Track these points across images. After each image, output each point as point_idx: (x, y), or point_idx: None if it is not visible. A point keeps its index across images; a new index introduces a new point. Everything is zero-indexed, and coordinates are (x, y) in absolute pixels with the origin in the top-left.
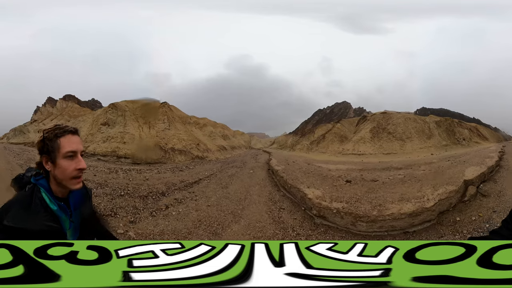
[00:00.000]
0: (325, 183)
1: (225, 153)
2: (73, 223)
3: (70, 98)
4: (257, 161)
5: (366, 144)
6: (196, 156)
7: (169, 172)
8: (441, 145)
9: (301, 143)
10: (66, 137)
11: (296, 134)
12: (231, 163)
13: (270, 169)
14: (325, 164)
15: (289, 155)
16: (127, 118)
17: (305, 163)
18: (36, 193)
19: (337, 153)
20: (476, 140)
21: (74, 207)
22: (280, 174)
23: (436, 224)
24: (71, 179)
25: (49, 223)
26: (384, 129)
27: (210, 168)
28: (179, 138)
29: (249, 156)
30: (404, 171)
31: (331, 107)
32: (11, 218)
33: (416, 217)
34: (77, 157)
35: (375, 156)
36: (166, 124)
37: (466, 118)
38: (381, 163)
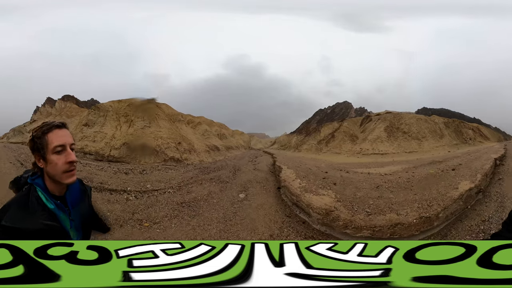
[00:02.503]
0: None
1: (216, 154)
2: (74, 222)
3: (68, 99)
4: (256, 167)
5: (384, 143)
6: (171, 158)
7: (114, 172)
8: (452, 144)
9: (308, 143)
10: (53, 132)
11: (300, 133)
12: (214, 171)
13: (283, 190)
14: (363, 169)
15: (297, 156)
16: (108, 118)
17: (334, 169)
18: (32, 193)
19: (355, 153)
20: (480, 139)
21: (72, 205)
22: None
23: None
24: (63, 173)
25: (47, 222)
26: (398, 129)
27: (171, 178)
28: (156, 136)
29: (247, 159)
30: (446, 164)
31: (332, 107)
32: (9, 218)
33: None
34: (66, 150)
35: (398, 155)
36: (146, 121)
37: (467, 118)
38: (419, 159)
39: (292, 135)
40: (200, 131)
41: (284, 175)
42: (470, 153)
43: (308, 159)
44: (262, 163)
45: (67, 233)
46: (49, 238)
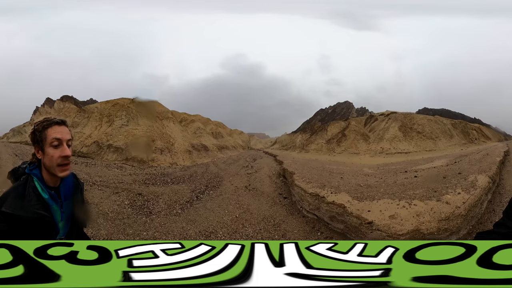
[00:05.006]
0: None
1: (200, 156)
2: (64, 214)
3: (67, 99)
4: (252, 180)
5: (402, 143)
6: (133, 157)
7: (75, 163)
8: (461, 143)
9: (316, 142)
10: (52, 128)
11: (304, 132)
12: (167, 183)
13: None
14: (425, 165)
15: (310, 159)
16: (91, 119)
17: (395, 173)
18: (29, 182)
19: (376, 153)
20: (483, 139)
21: (64, 197)
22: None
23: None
24: (57, 166)
25: (40, 211)
26: (411, 129)
27: (113, 177)
28: (129, 134)
29: (241, 162)
30: (480, 155)
31: (333, 107)
32: (8, 205)
33: None
34: (62, 145)
35: (419, 153)
36: (123, 120)
37: (468, 118)
38: (452, 154)
39: (294, 134)
40: (192, 129)
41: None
42: (481, 150)
43: (326, 162)
44: (261, 171)
45: (55, 225)
46: (38, 228)
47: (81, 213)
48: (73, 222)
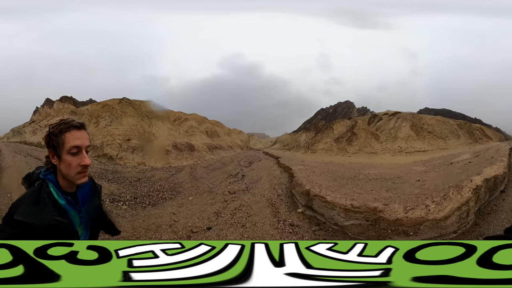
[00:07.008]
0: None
1: (181, 157)
2: (83, 219)
3: (66, 99)
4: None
5: (417, 142)
6: (104, 155)
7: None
8: (468, 143)
9: (323, 141)
10: (71, 133)
11: (308, 131)
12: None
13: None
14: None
15: (322, 162)
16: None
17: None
18: (44, 188)
19: (396, 152)
20: (485, 139)
21: (82, 202)
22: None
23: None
24: (76, 174)
25: (57, 218)
26: (421, 128)
27: None
28: (108, 133)
29: (231, 167)
30: (493, 151)
31: (334, 106)
32: (21, 213)
33: None
34: (81, 153)
35: (435, 152)
36: (107, 121)
37: (468, 118)
38: (471, 150)
39: (297, 133)
40: (184, 128)
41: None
42: (489, 147)
43: (350, 165)
44: (256, 186)
45: (75, 231)
46: (57, 235)
47: (105, 222)
48: (92, 227)
